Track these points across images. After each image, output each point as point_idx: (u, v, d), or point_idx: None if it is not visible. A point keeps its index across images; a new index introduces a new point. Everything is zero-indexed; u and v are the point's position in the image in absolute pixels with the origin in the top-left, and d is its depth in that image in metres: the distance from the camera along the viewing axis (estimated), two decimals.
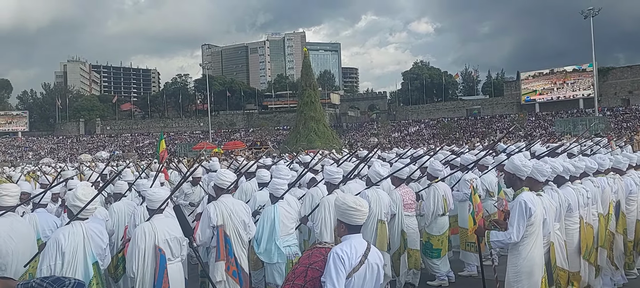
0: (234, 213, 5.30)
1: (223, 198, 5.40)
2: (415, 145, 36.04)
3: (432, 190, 7.21)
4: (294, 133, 57.07)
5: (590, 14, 52.31)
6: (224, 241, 5.14)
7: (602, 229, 5.98)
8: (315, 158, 10.48)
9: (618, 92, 61.40)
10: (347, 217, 3.42)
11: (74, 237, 4.38)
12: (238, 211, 5.37)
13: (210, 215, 5.20)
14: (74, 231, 4.42)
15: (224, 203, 5.33)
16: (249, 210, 5.68)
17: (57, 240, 4.32)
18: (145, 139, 75.28)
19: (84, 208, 4.46)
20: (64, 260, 4.27)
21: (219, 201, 5.36)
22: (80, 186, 4.95)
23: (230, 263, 5.14)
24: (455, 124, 65.00)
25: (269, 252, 5.57)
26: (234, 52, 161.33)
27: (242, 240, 5.34)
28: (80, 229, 4.45)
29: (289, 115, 76.20)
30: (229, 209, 5.28)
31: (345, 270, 3.20)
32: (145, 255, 4.64)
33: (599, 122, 48.07)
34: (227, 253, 5.13)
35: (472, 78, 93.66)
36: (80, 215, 4.49)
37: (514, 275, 4.54)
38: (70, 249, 4.32)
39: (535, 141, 17.37)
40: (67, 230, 4.42)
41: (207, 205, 5.49)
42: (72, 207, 4.53)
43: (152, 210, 4.87)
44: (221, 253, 5.10)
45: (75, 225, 4.47)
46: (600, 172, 6.39)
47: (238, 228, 5.30)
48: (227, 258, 5.12)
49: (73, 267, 4.31)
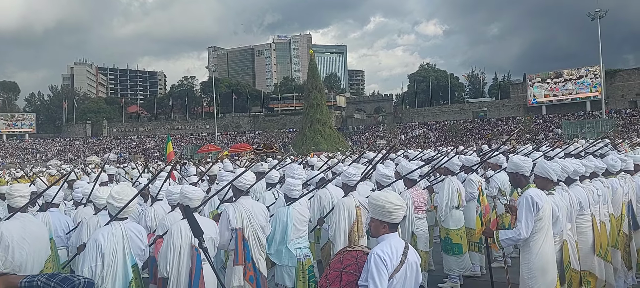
0: (253, 216, 5.18)
1: (242, 200, 5.28)
2: (423, 147, 35.95)
3: (446, 181, 7.19)
4: (300, 135, 57.18)
5: (597, 15, 52.17)
6: (243, 244, 5.01)
7: (614, 230, 5.98)
8: (320, 161, 10.52)
9: (625, 94, 61.02)
10: (388, 215, 3.33)
11: (113, 237, 4.31)
12: (257, 214, 5.25)
13: (229, 217, 5.07)
14: (113, 231, 4.35)
15: (244, 205, 5.21)
16: (267, 213, 5.57)
17: (97, 241, 4.26)
18: (151, 141, 75.50)
19: (124, 208, 4.41)
20: (104, 262, 4.21)
21: (238, 203, 5.24)
22: (117, 186, 4.89)
23: (247, 268, 5.00)
24: (461, 127, 64.78)
25: (280, 253, 5.49)
26: (240, 55, 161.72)
27: (260, 244, 5.22)
28: (120, 229, 4.40)
29: (295, 117, 76.27)
30: (248, 212, 5.16)
31: (388, 271, 3.13)
32: (181, 253, 4.52)
33: (605, 125, 47.83)
34: (245, 257, 5.01)
35: (478, 80, 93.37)
36: (119, 216, 4.44)
37: (527, 272, 4.54)
38: (110, 250, 4.26)
39: (543, 143, 17.30)
40: (106, 231, 4.36)
41: (226, 207, 5.36)
42: (109, 206, 4.49)
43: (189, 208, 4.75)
44: (239, 257, 4.97)
45: (114, 225, 4.41)
46: (611, 173, 6.39)
47: (257, 232, 5.18)
48: (245, 263, 5.00)
49: (113, 268, 4.26)
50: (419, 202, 6.99)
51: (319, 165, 11.12)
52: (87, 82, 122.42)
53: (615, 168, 6.48)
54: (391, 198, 3.36)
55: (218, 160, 18.57)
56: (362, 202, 5.90)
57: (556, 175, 4.85)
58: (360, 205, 5.86)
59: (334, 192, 6.72)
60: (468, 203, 7.48)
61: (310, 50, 73.06)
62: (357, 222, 5.76)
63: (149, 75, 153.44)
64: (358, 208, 5.82)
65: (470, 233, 7.48)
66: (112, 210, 4.47)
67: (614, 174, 6.45)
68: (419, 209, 6.95)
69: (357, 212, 5.79)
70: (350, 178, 6.03)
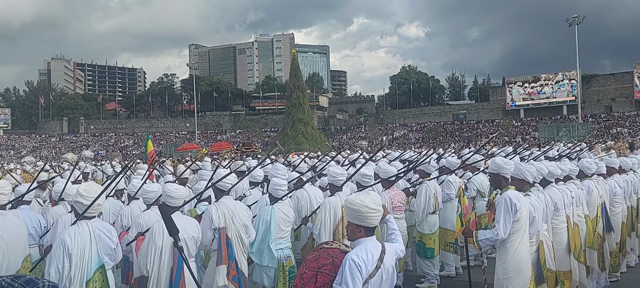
0: (236, 215, 5.14)
1: (224, 199, 5.24)
2: (403, 149, 36.20)
3: (423, 187, 7.23)
4: (282, 135, 57.00)
5: (574, 21, 53.12)
6: (226, 244, 4.97)
7: (590, 231, 6.09)
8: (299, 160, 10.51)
9: (601, 99, 62.30)
10: (365, 219, 3.25)
11: (80, 237, 4.17)
12: (240, 213, 5.21)
13: (212, 216, 5.02)
14: (80, 231, 4.21)
15: (226, 205, 5.17)
16: (250, 212, 5.54)
17: (64, 242, 4.12)
18: (129, 138, 74.57)
19: (90, 206, 4.28)
20: (72, 262, 4.08)
21: (220, 202, 5.20)
22: (84, 183, 4.75)
23: (231, 268, 4.96)
24: (441, 129, 65.42)
25: (261, 253, 5.46)
26: (221, 53, 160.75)
27: (243, 244, 5.19)
28: (87, 229, 4.25)
29: (276, 116, 76.10)
30: (231, 211, 5.13)
31: (363, 276, 3.06)
32: (162, 252, 4.45)
33: (581, 129, 48.78)
34: (229, 257, 4.97)
35: (458, 83, 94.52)
36: (86, 214, 4.31)
37: (503, 272, 4.60)
38: (78, 250, 4.12)
39: (522, 146, 17.56)
40: (73, 231, 4.21)
41: (208, 207, 5.33)
42: (77, 205, 4.35)
43: (165, 206, 4.66)
44: (223, 256, 4.92)
45: (81, 224, 4.27)
46: (586, 176, 6.51)
47: (240, 231, 5.14)
48: (228, 263, 4.96)
49: (81, 269, 4.13)
50: (398, 202, 7.03)
51: (300, 165, 11.11)
52: (64, 78, 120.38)
53: (590, 170, 6.60)
54: (367, 202, 3.28)
55: (196, 159, 18.41)
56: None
57: (532, 176, 4.93)
58: (345, 205, 5.87)
59: (312, 193, 6.72)
60: (444, 204, 7.54)
61: (293, 49, 72.96)
62: (342, 221, 5.78)
63: (128, 72, 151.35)
64: (343, 207, 5.84)
65: (445, 234, 7.55)
66: (79, 208, 4.33)
67: (589, 177, 6.57)
68: (397, 209, 6.99)
69: (342, 211, 5.81)
70: (337, 178, 6.03)
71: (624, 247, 7.23)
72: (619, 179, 7.24)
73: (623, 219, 7.11)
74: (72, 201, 4.48)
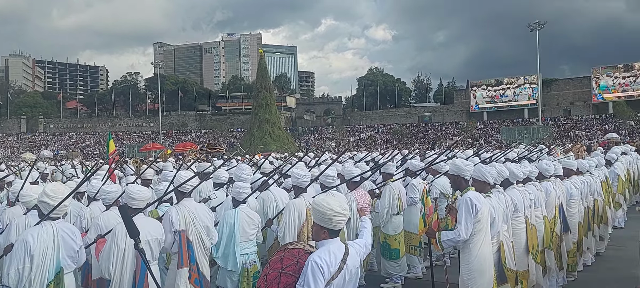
0: (196, 217, 5.06)
1: (185, 202, 5.16)
2: (369, 150, 36.50)
3: (387, 188, 7.28)
4: (248, 135, 56.61)
5: (536, 27, 54.63)
6: (187, 246, 4.89)
7: (547, 231, 6.25)
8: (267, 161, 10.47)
9: (560, 103, 64.33)
10: (330, 222, 3.24)
11: (44, 238, 4.07)
12: (201, 216, 5.13)
13: (172, 219, 4.92)
14: (44, 232, 4.11)
15: (187, 207, 5.09)
16: (212, 214, 5.46)
17: (26, 242, 4.00)
18: (91, 138, 72.73)
19: (56, 207, 4.17)
20: (33, 264, 3.98)
21: (180, 205, 5.12)
22: (51, 184, 4.67)
23: (192, 271, 4.90)
24: (407, 130, 66.30)
25: (226, 257, 5.40)
26: (187, 52, 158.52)
27: (204, 246, 5.11)
28: (51, 230, 4.15)
29: (243, 117, 75.57)
30: (191, 213, 5.04)
31: (325, 278, 3.05)
32: (125, 255, 4.36)
33: (542, 131, 50.25)
34: (190, 260, 4.90)
35: (424, 86, 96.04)
36: (51, 215, 4.19)
37: (467, 273, 4.67)
38: (40, 251, 4.02)
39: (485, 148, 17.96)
40: (36, 231, 4.10)
41: (168, 209, 5.22)
42: (42, 205, 4.24)
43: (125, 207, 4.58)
44: (184, 259, 4.85)
45: (45, 225, 4.16)
46: (545, 177, 6.69)
47: (201, 234, 5.06)
48: (189, 265, 4.89)
49: (42, 270, 4.02)
50: (363, 203, 7.05)
51: (266, 165, 11.03)
52: (23, 75, 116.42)
53: (548, 172, 6.79)
54: (333, 206, 3.25)
55: (156, 159, 18.05)
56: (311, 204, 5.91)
57: (492, 178, 5.01)
58: (310, 206, 5.86)
59: (278, 194, 6.69)
60: (409, 207, 7.62)
61: (260, 49, 72.48)
62: (307, 223, 5.77)
63: (90, 70, 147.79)
64: (308, 209, 5.84)
65: (409, 237, 7.62)
66: (44, 208, 4.23)
67: (547, 178, 6.75)
68: (363, 211, 7.02)
69: (307, 213, 5.80)
70: (301, 180, 6.01)
71: (580, 246, 7.47)
72: (576, 180, 7.49)
73: (580, 219, 7.35)
74: (33, 202, 4.37)
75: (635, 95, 57.00)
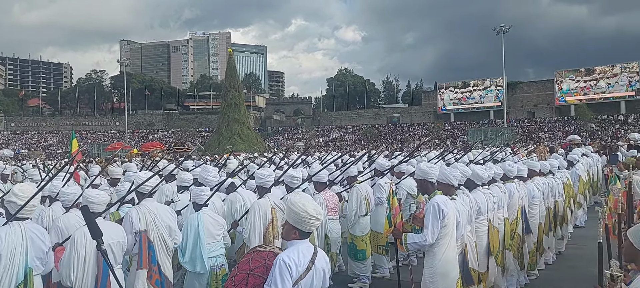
0: (158, 218, 4.97)
1: (146, 202, 5.06)
2: (339, 150, 36.65)
3: (354, 191, 7.30)
4: (217, 135, 56.09)
5: (501, 30, 55.87)
6: (147, 247, 4.80)
7: (508, 233, 6.39)
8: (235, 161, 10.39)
9: (524, 105, 65.95)
10: (303, 224, 3.24)
11: (11, 238, 3.95)
12: (162, 216, 5.03)
13: (132, 220, 4.84)
14: (12, 232, 3.99)
15: (147, 207, 4.99)
16: (174, 215, 5.36)
17: None
18: (54, 137, 70.72)
19: (23, 207, 4.05)
20: (0, 264, 3.86)
21: (141, 205, 5.02)
22: (20, 184, 4.56)
23: (153, 272, 4.79)
24: (376, 131, 66.85)
25: (194, 261, 5.33)
26: (155, 50, 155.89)
27: (166, 247, 5.03)
28: (19, 230, 4.02)
29: (211, 116, 74.83)
30: (152, 214, 4.95)
31: (292, 278, 3.07)
32: (86, 260, 4.24)
33: (506, 133, 51.44)
34: (151, 261, 4.80)
35: (393, 87, 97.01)
36: (19, 215, 4.07)
37: (429, 276, 4.70)
38: (7, 252, 3.90)
39: (450, 149, 18.24)
40: (4, 232, 3.98)
41: (129, 210, 5.11)
42: (10, 205, 4.12)
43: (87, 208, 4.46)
44: (144, 260, 4.75)
45: (13, 225, 4.04)
46: (508, 179, 6.84)
47: (163, 234, 4.97)
48: (149, 266, 4.78)
49: (10, 272, 3.90)
50: (332, 204, 7.09)
51: (233, 165, 10.95)
52: None
53: (512, 173, 6.94)
54: (309, 209, 3.24)
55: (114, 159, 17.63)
56: (277, 204, 5.91)
57: (456, 180, 5.07)
58: (275, 206, 5.87)
59: (246, 196, 6.64)
60: (376, 207, 7.68)
61: (229, 48, 71.77)
62: (272, 223, 5.77)
63: (53, 67, 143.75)
64: (273, 209, 5.84)
65: (377, 237, 7.68)
66: (12, 208, 4.12)
67: (511, 179, 6.91)
68: (332, 211, 7.05)
69: (272, 213, 5.80)
70: (265, 180, 5.99)
71: (541, 245, 7.67)
72: (539, 181, 7.67)
73: (540, 220, 7.54)
74: (5, 201, 4.23)
75: (596, 99, 58.85)
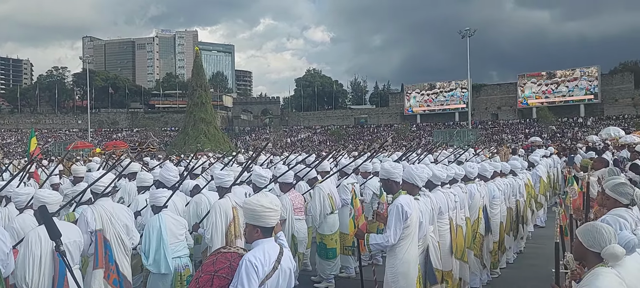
0: (114, 216, 4.88)
1: (101, 201, 4.97)
2: (306, 151, 36.66)
3: (316, 191, 7.32)
4: (183, 134, 55.34)
5: (466, 34, 57.03)
6: (104, 247, 4.71)
7: (469, 232, 6.52)
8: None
9: (488, 107, 67.42)
10: (262, 219, 3.22)
11: None
12: (119, 215, 4.96)
13: (87, 219, 4.74)
14: None
15: (103, 206, 4.91)
16: (131, 213, 5.29)
17: None
18: (12, 135, 68.34)
19: None
20: None
21: (96, 204, 4.93)
22: None
23: (110, 271, 4.71)
24: (343, 132, 67.20)
25: (157, 262, 5.20)
26: (119, 47, 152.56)
27: (124, 246, 4.94)
28: None
29: (177, 115, 73.77)
30: (108, 212, 4.86)
31: (259, 278, 3.05)
32: (42, 262, 4.13)
33: (471, 134, 52.52)
34: (108, 260, 4.72)
35: (360, 88, 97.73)
36: None
37: (391, 276, 4.73)
38: None
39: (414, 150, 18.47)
40: None
41: (84, 209, 5.01)
42: None
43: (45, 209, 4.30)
44: (100, 260, 4.66)
45: None
46: (469, 179, 6.97)
47: (120, 233, 4.89)
48: (107, 266, 4.70)
49: None
50: (298, 204, 7.08)
51: None
52: None
53: (472, 174, 7.06)
54: (263, 202, 3.25)
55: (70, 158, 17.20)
56: (238, 203, 5.87)
57: (421, 181, 5.13)
58: (236, 205, 5.83)
59: (211, 197, 6.57)
60: (343, 208, 7.72)
61: (196, 47, 70.83)
62: (234, 222, 5.74)
63: (12, 63, 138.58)
64: (234, 208, 5.81)
65: (343, 238, 7.72)
66: None
67: (472, 180, 7.05)
68: (298, 211, 7.04)
69: (233, 212, 5.77)
70: (224, 180, 5.95)
71: (502, 245, 7.86)
72: (500, 182, 7.84)
73: (502, 220, 7.71)
74: None
75: (557, 102, 60.60)
